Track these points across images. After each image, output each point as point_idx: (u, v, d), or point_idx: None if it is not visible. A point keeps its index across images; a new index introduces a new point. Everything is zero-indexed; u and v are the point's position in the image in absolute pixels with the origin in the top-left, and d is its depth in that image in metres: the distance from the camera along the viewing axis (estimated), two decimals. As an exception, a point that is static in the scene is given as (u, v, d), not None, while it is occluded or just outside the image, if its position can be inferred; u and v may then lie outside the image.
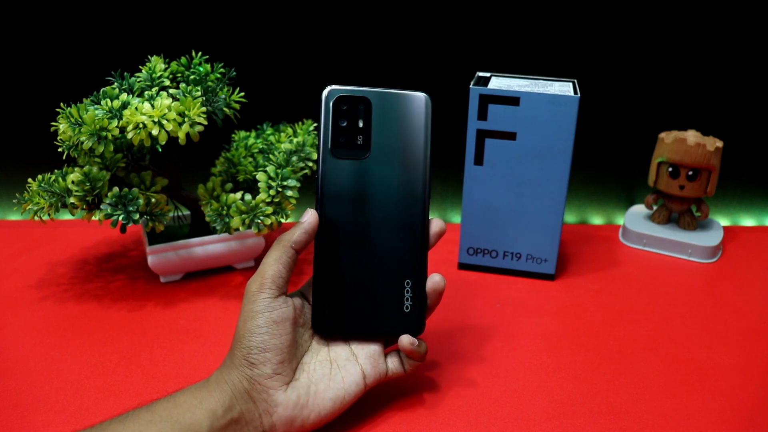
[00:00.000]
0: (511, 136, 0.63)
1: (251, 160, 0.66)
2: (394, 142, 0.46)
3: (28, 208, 0.58)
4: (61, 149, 0.59)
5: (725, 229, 0.80)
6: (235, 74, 0.62)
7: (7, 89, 0.78)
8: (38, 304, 0.63)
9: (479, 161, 0.65)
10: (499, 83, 0.64)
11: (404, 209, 0.46)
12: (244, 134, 0.70)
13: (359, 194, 0.46)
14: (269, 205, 0.59)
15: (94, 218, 0.59)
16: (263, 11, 0.75)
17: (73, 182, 0.57)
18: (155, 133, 0.54)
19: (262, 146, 0.67)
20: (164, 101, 0.56)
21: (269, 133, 0.69)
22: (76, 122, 0.55)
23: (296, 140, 0.64)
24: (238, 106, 0.60)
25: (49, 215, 0.58)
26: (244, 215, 0.59)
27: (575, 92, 0.61)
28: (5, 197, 0.83)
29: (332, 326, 0.47)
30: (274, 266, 0.44)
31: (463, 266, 0.71)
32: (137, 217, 0.57)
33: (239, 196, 0.61)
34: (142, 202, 0.58)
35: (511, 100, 0.61)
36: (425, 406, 0.50)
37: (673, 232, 0.76)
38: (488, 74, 0.68)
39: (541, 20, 0.76)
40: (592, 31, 0.77)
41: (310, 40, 0.77)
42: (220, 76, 0.61)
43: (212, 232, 0.66)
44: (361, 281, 0.46)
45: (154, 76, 0.60)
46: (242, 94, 0.61)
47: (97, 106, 0.57)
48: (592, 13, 0.76)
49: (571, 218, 0.86)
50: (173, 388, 0.44)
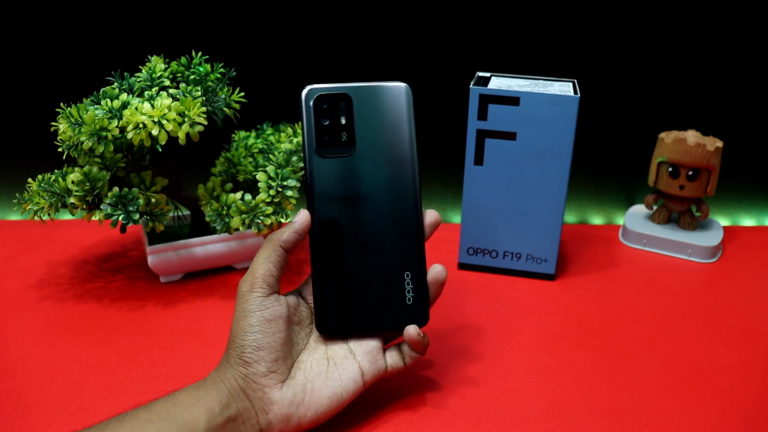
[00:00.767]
0: (511, 136, 0.63)
1: (251, 160, 0.66)
2: (378, 135, 0.46)
3: (28, 208, 0.58)
4: (61, 149, 0.59)
5: (725, 229, 0.80)
6: (235, 74, 0.62)
7: (7, 89, 0.78)
8: (38, 304, 0.63)
9: (479, 161, 0.65)
10: (499, 83, 0.64)
11: (397, 201, 0.46)
12: (244, 134, 0.70)
13: (350, 191, 0.46)
14: (269, 205, 0.59)
15: (94, 218, 0.59)
16: (263, 11, 0.75)
17: (73, 182, 0.57)
18: (155, 133, 0.54)
19: (262, 146, 0.67)
20: (164, 101, 0.56)
21: (269, 133, 0.69)
22: (76, 122, 0.55)
23: (296, 140, 0.64)
24: (238, 106, 0.60)
25: (49, 215, 0.58)
26: (244, 215, 0.59)
27: (575, 92, 0.61)
28: (5, 197, 0.83)
29: (336, 326, 0.47)
30: (264, 265, 0.44)
31: (463, 266, 0.71)
32: (137, 217, 0.57)
33: (239, 196, 0.61)
34: (142, 202, 0.58)
35: (511, 100, 0.61)
36: (425, 406, 0.50)
37: (673, 232, 0.76)
38: (488, 74, 0.68)
39: (541, 20, 0.76)
40: (592, 31, 0.77)
41: (310, 40, 0.77)
42: (220, 76, 0.61)
43: (212, 232, 0.66)
44: (360, 278, 0.46)
45: (154, 76, 0.60)
46: (242, 94, 0.61)
47: (97, 106, 0.57)
48: (592, 13, 0.76)
49: (571, 218, 0.86)
50: (173, 388, 0.44)
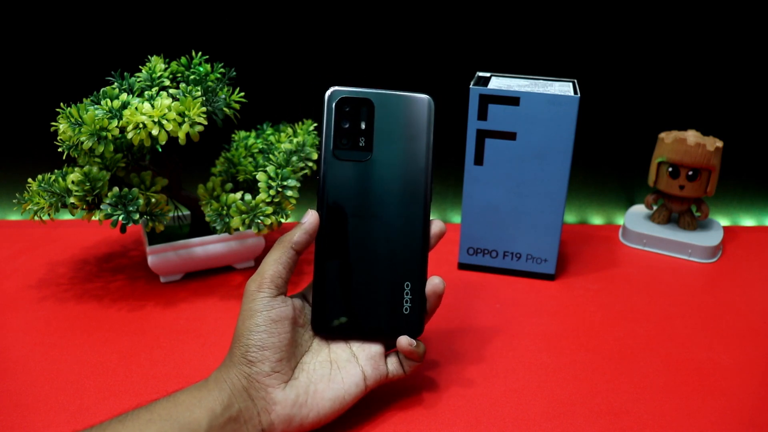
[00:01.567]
0: (511, 136, 0.63)
1: (251, 160, 0.66)
2: (396, 144, 0.46)
3: (28, 208, 0.58)
4: (61, 149, 0.59)
5: (725, 229, 0.80)
6: (235, 74, 0.62)
7: (7, 89, 0.78)
8: (38, 304, 0.63)
9: (479, 161, 0.65)
10: (499, 83, 0.64)
11: (405, 211, 0.46)
12: (244, 134, 0.70)
13: (361, 196, 0.46)
14: (269, 205, 0.59)
15: (94, 218, 0.59)
16: (263, 11, 0.75)
17: (73, 182, 0.57)
18: (155, 133, 0.54)
19: (262, 146, 0.67)
20: (164, 101, 0.56)
21: (269, 133, 0.69)
22: (76, 122, 0.55)
23: (296, 140, 0.64)
24: (238, 106, 0.60)
25: (49, 215, 0.58)
26: (244, 215, 0.59)
27: (575, 92, 0.61)
28: (5, 197, 0.83)
29: (331, 327, 0.47)
30: (273, 266, 0.45)
31: (463, 266, 0.71)
32: (137, 217, 0.57)
33: (239, 196, 0.61)
34: (142, 202, 0.58)
35: (511, 100, 0.61)
36: (425, 406, 0.50)
37: (673, 232, 0.76)
38: (488, 74, 0.68)
39: (541, 20, 0.76)
40: (592, 31, 0.77)
41: (310, 40, 0.77)
42: (220, 76, 0.61)
43: (212, 232, 0.66)
44: (360, 282, 0.47)
45: (154, 76, 0.60)
46: (242, 94, 0.61)
47: (97, 106, 0.57)
48: (592, 13, 0.76)
49: (571, 218, 0.86)
50: (173, 388, 0.44)
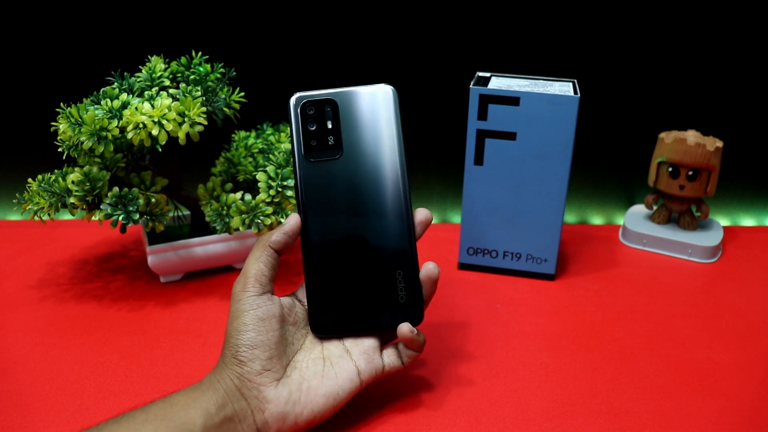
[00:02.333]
0: (511, 136, 0.63)
1: (251, 160, 0.66)
2: (365, 137, 0.46)
3: (28, 208, 0.58)
4: (61, 149, 0.59)
5: (725, 229, 0.80)
6: (235, 74, 0.62)
7: (7, 89, 0.78)
8: (38, 304, 0.63)
9: (479, 161, 0.65)
10: (499, 83, 0.64)
11: (386, 201, 0.46)
12: (244, 134, 0.70)
13: (339, 193, 0.46)
14: (269, 205, 0.59)
15: (94, 218, 0.59)
16: (263, 11, 0.75)
17: (73, 182, 0.57)
18: (155, 133, 0.54)
19: (262, 146, 0.67)
20: (164, 101, 0.56)
21: (269, 133, 0.69)
22: (76, 122, 0.55)
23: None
24: (238, 106, 0.60)
25: (49, 215, 0.58)
26: (244, 215, 0.59)
27: (575, 92, 0.61)
28: (5, 197, 0.83)
29: (330, 326, 0.47)
30: (255, 265, 0.45)
31: (463, 266, 0.71)
32: (137, 217, 0.57)
33: (239, 196, 0.61)
34: (142, 202, 0.58)
35: (511, 100, 0.61)
36: (425, 405, 0.50)
37: (673, 232, 0.76)
38: (488, 74, 0.68)
39: (541, 20, 0.76)
40: (592, 31, 0.77)
41: (309, 40, 0.77)
42: (220, 76, 0.61)
43: (212, 232, 0.66)
44: (352, 278, 0.47)
45: (154, 76, 0.60)
46: (242, 94, 0.61)
47: (97, 106, 0.57)
48: (592, 13, 0.76)
49: (571, 218, 0.86)
50: (173, 388, 0.44)
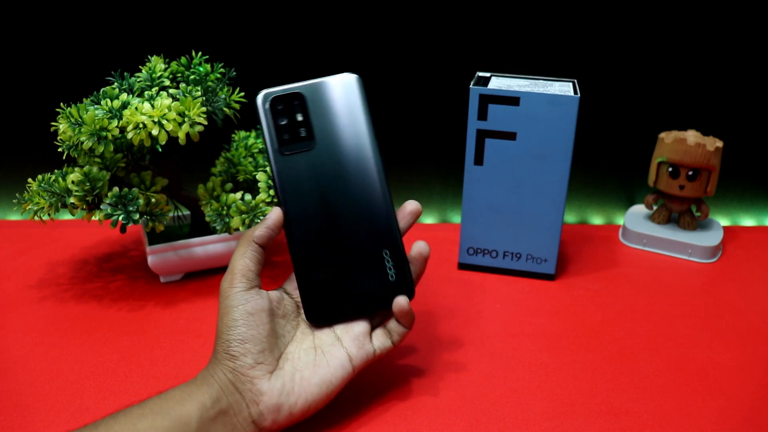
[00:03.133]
0: (511, 136, 0.63)
1: (251, 160, 0.66)
2: (335, 125, 0.47)
3: (28, 208, 0.58)
4: (61, 149, 0.59)
5: (725, 229, 0.80)
6: (235, 74, 0.62)
7: (7, 89, 0.78)
8: (38, 304, 0.63)
9: (479, 161, 0.65)
10: (499, 83, 0.64)
11: (363, 185, 0.47)
12: (244, 134, 0.70)
13: (316, 182, 0.47)
14: (269, 205, 0.59)
15: (94, 218, 0.59)
16: (263, 11, 0.75)
17: (73, 182, 0.57)
18: (155, 133, 0.54)
19: (262, 146, 0.67)
20: (164, 101, 0.56)
21: (269, 133, 0.69)
22: (76, 122, 0.55)
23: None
24: (238, 106, 0.60)
25: (49, 215, 0.58)
26: (244, 215, 0.59)
27: (575, 92, 0.61)
28: (5, 197, 0.83)
29: (325, 314, 0.47)
30: (240, 261, 0.46)
31: (463, 266, 0.71)
32: (137, 217, 0.57)
33: (239, 196, 0.61)
34: (142, 202, 0.58)
35: (511, 100, 0.61)
36: (425, 405, 0.50)
37: (673, 232, 0.76)
38: (488, 74, 0.68)
39: (541, 20, 0.76)
40: (592, 31, 0.77)
41: (309, 40, 0.77)
42: (220, 76, 0.61)
43: (212, 232, 0.66)
44: (341, 264, 0.47)
45: (154, 76, 0.60)
46: (242, 94, 0.61)
47: (97, 106, 0.57)
48: (592, 13, 0.76)
49: (571, 218, 0.86)
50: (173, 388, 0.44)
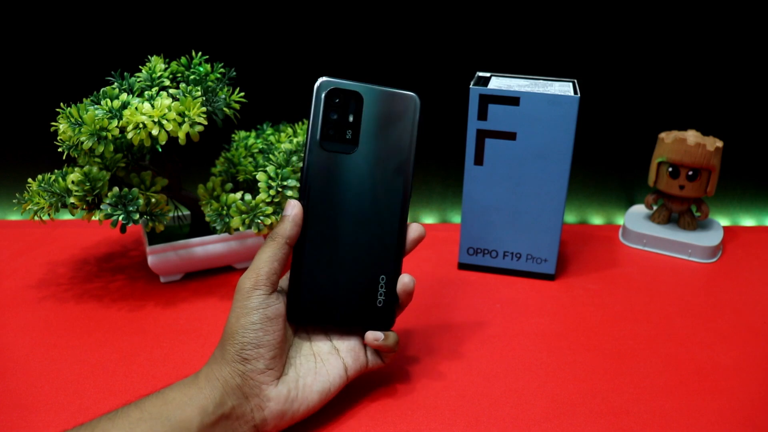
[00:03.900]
0: (511, 136, 0.63)
1: (251, 160, 0.66)
2: (381, 139, 0.46)
3: (28, 208, 0.58)
4: (61, 149, 0.59)
5: (725, 229, 0.80)
6: (235, 74, 0.62)
7: (7, 89, 0.78)
8: (38, 304, 0.63)
9: (479, 161, 0.65)
10: (499, 83, 0.64)
11: (385, 206, 0.47)
12: (244, 134, 0.70)
13: (343, 188, 0.46)
14: (269, 205, 0.59)
15: (94, 218, 0.59)
16: (263, 11, 0.75)
17: (73, 182, 0.57)
18: (155, 133, 0.54)
19: (262, 146, 0.67)
20: (164, 101, 0.56)
21: (269, 133, 0.69)
22: (76, 122, 0.55)
23: (296, 140, 0.64)
24: (238, 106, 0.60)
25: (49, 215, 0.58)
26: (244, 215, 0.59)
27: (575, 92, 0.61)
28: (5, 197, 0.83)
29: (305, 316, 0.47)
30: (269, 263, 0.44)
31: (463, 266, 0.71)
32: (137, 217, 0.57)
33: (239, 196, 0.61)
34: (142, 202, 0.58)
35: (511, 100, 0.61)
36: (425, 405, 0.50)
37: (673, 232, 0.76)
38: (488, 74, 0.68)
39: (541, 20, 0.76)
40: (592, 31, 0.77)
41: (310, 40, 0.77)
42: (220, 76, 0.61)
43: (212, 232, 0.66)
44: (337, 274, 0.47)
45: (154, 76, 0.60)
46: (242, 94, 0.61)
47: (97, 106, 0.57)
48: (592, 13, 0.76)
49: (571, 218, 0.86)
50: (173, 388, 0.44)
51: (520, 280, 0.69)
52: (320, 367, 0.46)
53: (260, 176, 0.60)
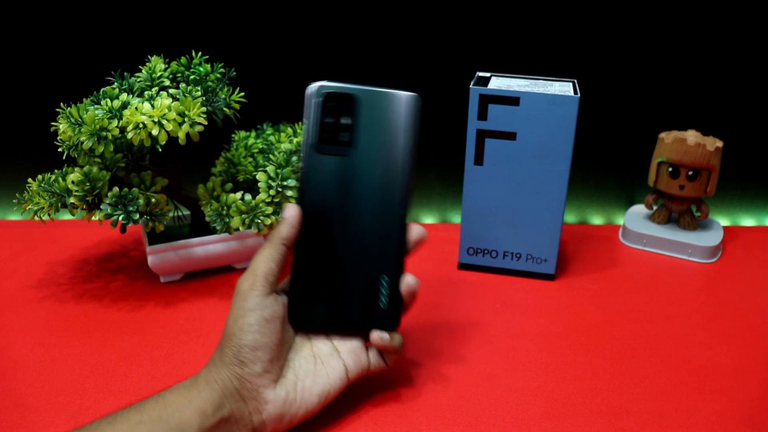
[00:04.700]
0: (511, 136, 0.63)
1: (251, 160, 0.66)
2: (379, 140, 0.46)
3: (28, 208, 0.58)
4: (61, 149, 0.59)
5: (725, 229, 0.80)
6: (235, 74, 0.62)
7: (7, 89, 0.78)
8: (38, 304, 0.63)
9: (479, 161, 0.65)
10: (499, 83, 0.64)
11: (385, 207, 0.46)
12: (244, 134, 0.70)
13: (341, 190, 0.46)
14: (269, 205, 0.59)
15: (94, 218, 0.59)
16: (263, 11, 0.75)
17: (73, 182, 0.57)
18: (155, 133, 0.54)
19: (262, 146, 0.67)
20: (164, 101, 0.56)
21: (269, 133, 0.69)
22: (76, 122, 0.55)
23: (296, 140, 0.64)
24: (238, 106, 0.60)
25: (49, 215, 0.58)
26: (244, 215, 0.59)
27: (575, 92, 0.61)
28: (5, 197, 0.83)
29: (309, 321, 0.47)
30: (266, 264, 0.44)
31: (463, 266, 0.71)
32: (137, 217, 0.57)
33: (239, 196, 0.61)
34: (142, 202, 0.58)
35: (511, 100, 0.61)
36: (425, 405, 0.50)
37: (673, 232, 0.76)
38: (488, 74, 0.68)
39: (541, 20, 0.76)
40: (592, 31, 0.77)
41: (310, 40, 0.77)
42: (220, 76, 0.61)
43: (212, 232, 0.66)
44: (338, 276, 0.47)
45: (154, 76, 0.60)
46: (242, 94, 0.61)
47: (97, 106, 0.57)
48: (592, 13, 0.76)
49: (571, 218, 0.86)
50: (173, 388, 0.44)
51: (520, 280, 0.69)
52: (320, 369, 0.46)
53: (260, 176, 0.60)
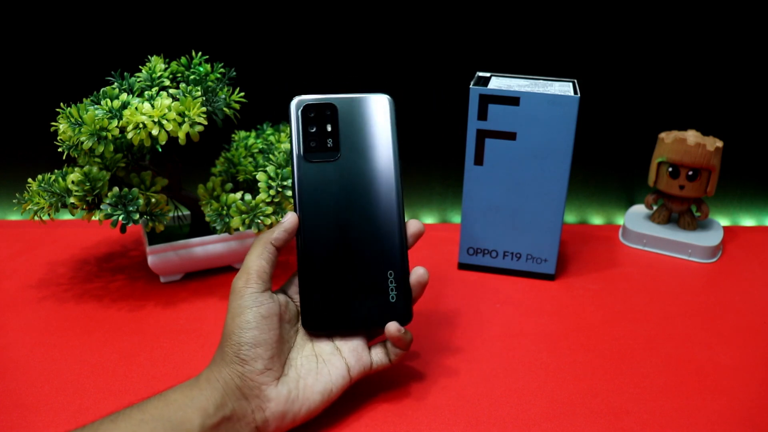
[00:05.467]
0: (511, 136, 0.63)
1: (251, 160, 0.66)
2: (362, 141, 0.48)
3: (28, 208, 0.58)
4: (61, 149, 0.59)
5: (725, 229, 0.80)
6: (235, 74, 0.62)
7: (7, 89, 0.78)
8: (38, 304, 0.63)
9: (479, 161, 0.65)
10: (499, 83, 0.64)
11: (379, 203, 0.48)
12: (244, 134, 0.70)
13: (335, 194, 0.48)
14: (269, 205, 0.59)
15: (94, 218, 0.59)
16: (263, 11, 0.75)
17: (73, 182, 0.57)
18: (155, 133, 0.54)
19: (262, 146, 0.67)
20: (164, 101, 0.56)
21: (269, 133, 0.69)
22: (76, 122, 0.55)
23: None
24: (238, 106, 0.60)
25: (49, 215, 0.58)
26: (244, 215, 0.59)
27: (575, 92, 0.61)
28: (5, 197, 0.83)
29: (322, 324, 0.48)
30: (257, 262, 0.45)
31: (463, 266, 0.71)
32: (137, 217, 0.57)
33: (239, 196, 0.61)
34: (142, 202, 0.58)
35: (511, 100, 0.61)
36: (425, 405, 0.50)
37: (673, 232, 0.76)
38: (488, 74, 0.68)
39: (541, 20, 0.76)
40: (592, 31, 0.77)
41: (310, 40, 0.77)
42: (220, 76, 0.61)
43: (212, 232, 0.66)
44: (345, 277, 0.48)
45: (154, 76, 0.60)
46: (242, 94, 0.61)
47: (97, 106, 0.57)
48: (592, 13, 0.76)
49: (571, 218, 0.86)
50: (173, 388, 0.44)
51: (520, 280, 0.69)
52: (322, 367, 0.46)
53: (260, 176, 0.60)
